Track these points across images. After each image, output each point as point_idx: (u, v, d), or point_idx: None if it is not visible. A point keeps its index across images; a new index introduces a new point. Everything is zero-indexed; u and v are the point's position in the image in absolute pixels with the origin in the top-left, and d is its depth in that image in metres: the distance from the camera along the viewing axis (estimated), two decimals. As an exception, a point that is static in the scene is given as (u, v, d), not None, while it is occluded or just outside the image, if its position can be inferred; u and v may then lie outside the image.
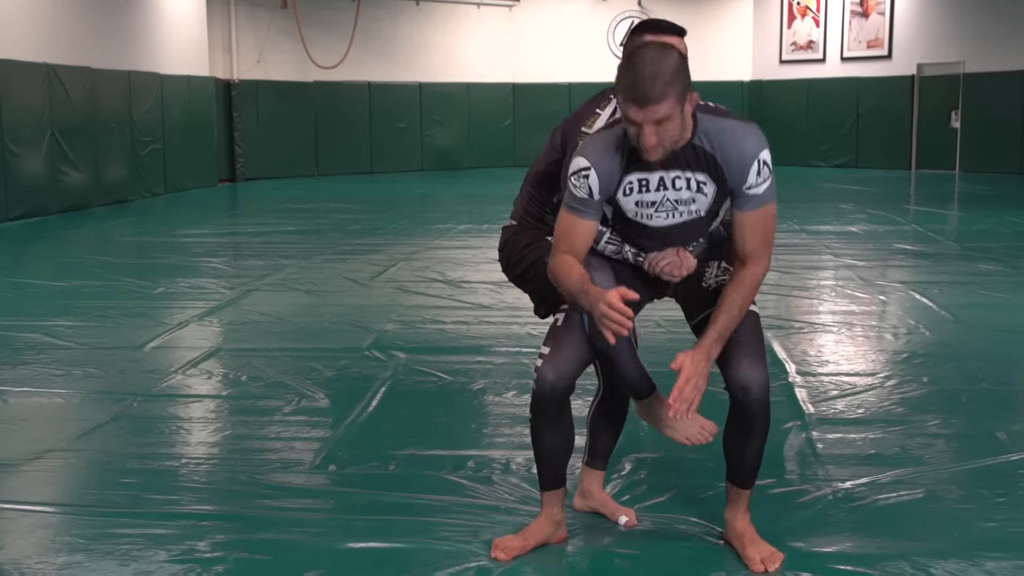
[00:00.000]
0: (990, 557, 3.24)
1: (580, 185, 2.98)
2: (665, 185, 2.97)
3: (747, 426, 3.12)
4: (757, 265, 3.03)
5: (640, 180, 2.97)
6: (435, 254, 9.86)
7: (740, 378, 3.05)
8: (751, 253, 3.01)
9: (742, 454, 3.18)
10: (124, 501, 3.74)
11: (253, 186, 18.72)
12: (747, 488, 3.25)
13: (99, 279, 8.55)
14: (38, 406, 5.01)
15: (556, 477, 3.27)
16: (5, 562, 3.27)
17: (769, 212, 3.00)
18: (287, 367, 5.60)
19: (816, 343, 6.20)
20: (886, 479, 3.90)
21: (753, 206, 2.98)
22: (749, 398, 3.05)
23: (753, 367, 3.05)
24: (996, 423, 4.57)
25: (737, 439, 3.17)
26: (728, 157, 2.93)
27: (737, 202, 2.98)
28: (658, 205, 2.99)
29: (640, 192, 2.98)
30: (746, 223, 3.00)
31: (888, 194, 16.18)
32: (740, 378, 3.05)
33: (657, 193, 2.98)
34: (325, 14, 20.54)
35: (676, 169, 2.95)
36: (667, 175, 2.96)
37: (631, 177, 2.97)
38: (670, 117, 2.81)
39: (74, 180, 14.12)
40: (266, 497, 3.77)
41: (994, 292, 7.73)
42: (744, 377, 3.04)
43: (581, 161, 2.97)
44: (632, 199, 2.99)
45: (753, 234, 3.00)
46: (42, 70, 13.38)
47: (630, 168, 2.96)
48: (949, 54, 20.37)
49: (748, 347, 3.07)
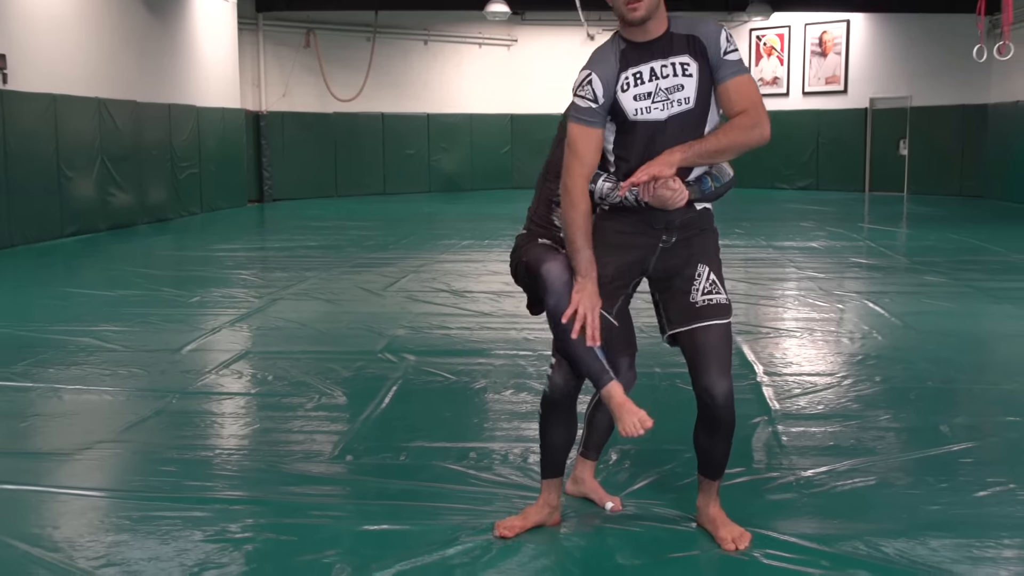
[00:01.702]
0: (934, 536, 3.24)
1: (585, 93, 2.99)
2: (655, 74, 2.98)
3: (713, 428, 3.10)
4: (750, 116, 2.96)
5: (634, 74, 2.99)
6: (441, 267, 9.86)
7: (706, 386, 3.03)
8: (745, 107, 2.98)
9: (710, 451, 3.17)
10: (164, 487, 3.74)
11: (279, 206, 18.71)
12: (716, 479, 3.25)
13: (142, 289, 8.55)
14: (89, 402, 5.01)
15: (556, 467, 3.28)
16: (60, 540, 3.27)
17: (750, 79, 3.02)
18: (309, 368, 5.60)
19: (781, 346, 6.20)
20: (843, 467, 3.91)
21: (734, 71, 2.99)
22: (715, 404, 3.03)
23: (720, 376, 3.02)
24: (940, 417, 4.57)
25: (705, 438, 3.15)
26: (701, 31, 3.00)
27: (719, 73, 2.99)
28: (653, 96, 2.98)
29: (636, 85, 2.98)
30: (732, 88, 2.99)
31: (845, 214, 16.19)
32: (706, 386, 3.03)
33: (650, 83, 2.98)
34: (343, 52, 20.56)
35: (660, 58, 2.98)
36: (655, 64, 2.98)
37: (626, 74, 2.99)
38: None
39: (121, 201, 14.12)
40: (290, 484, 3.77)
41: (939, 301, 7.74)
42: (710, 385, 3.02)
43: (583, 72, 3.01)
44: (630, 94, 2.98)
45: (741, 95, 2.98)
46: (93, 104, 13.39)
47: (624, 66, 2.98)
48: (898, 89, 20.43)
49: (716, 356, 3.03)
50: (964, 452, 4.08)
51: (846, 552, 3.14)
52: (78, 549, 3.20)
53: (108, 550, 3.19)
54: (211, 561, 3.10)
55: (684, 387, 5.11)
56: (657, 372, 5.39)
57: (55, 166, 12.54)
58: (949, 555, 3.12)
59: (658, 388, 5.14)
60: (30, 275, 9.67)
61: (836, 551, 3.14)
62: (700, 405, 3.09)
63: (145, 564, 3.09)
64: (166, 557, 3.13)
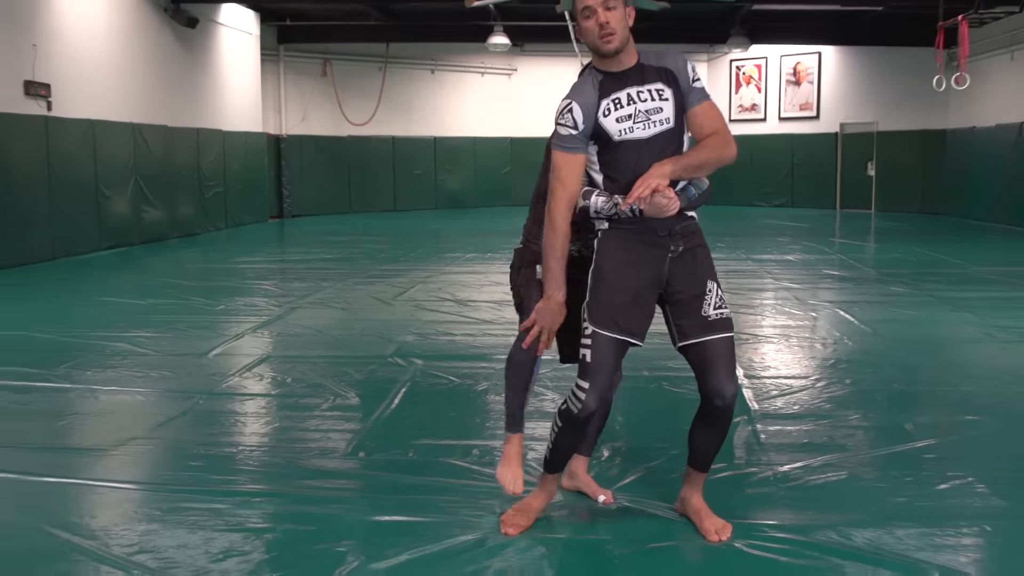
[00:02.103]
0: (900, 526, 3.24)
1: (566, 121, 3.00)
2: (632, 99, 2.99)
3: (715, 425, 3.09)
4: (720, 136, 3.03)
5: (613, 100, 2.99)
6: (446, 278, 9.86)
7: (718, 389, 3.00)
8: (713, 131, 3.03)
9: (707, 447, 3.17)
10: (192, 480, 3.74)
11: (297, 222, 18.72)
12: (705, 472, 3.24)
13: (172, 298, 8.54)
14: (123, 402, 5.00)
15: (561, 465, 3.27)
16: (97, 529, 3.27)
17: (714, 104, 3.08)
18: (325, 371, 5.59)
19: (760, 351, 6.19)
20: (816, 463, 3.90)
21: (701, 97, 3.05)
22: (724, 404, 3.03)
23: (729, 380, 3.02)
24: (905, 416, 4.57)
25: (704, 435, 3.14)
26: (670, 63, 3.03)
27: (689, 99, 3.03)
28: (634, 117, 2.99)
29: (616, 110, 2.99)
30: (700, 113, 3.04)
31: (818, 229, 16.20)
32: (718, 389, 3.00)
33: (629, 107, 2.99)
34: (357, 81, 20.59)
35: (636, 85, 3.00)
36: (631, 91, 3.00)
37: (606, 101, 2.99)
38: (616, 4, 2.92)
39: (153, 217, 14.12)
40: (307, 478, 3.76)
41: (904, 310, 7.73)
42: (722, 388, 3.00)
43: (564, 102, 3.02)
44: (612, 118, 2.99)
45: (710, 119, 3.05)
46: (128, 128, 13.40)
47: (602, 95, 2.99)
48: (866, 116, 20.46)
49: (726, 363, 3.02)
50: (927, 448, 4.08)
51: (820, 541, 3.13)
52: (113, 537, 3.19)
53: (140, 538, 3.19)
54: (234, 549, 3.10)
55: (671, 389, 5.12)
56: (645, 375, 5.39)
57: (94, 185, 12.54)
58: (913, 543, 3.11)
59: (647, 390, 5.14)
60: (70, 285, 9.67)
61: (811, 540, 3.14)
62: (708, 406, 3.06)
63: (174, 551, 3.08)
64: (193, 545, 3.12)
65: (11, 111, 10.87)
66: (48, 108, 11.55)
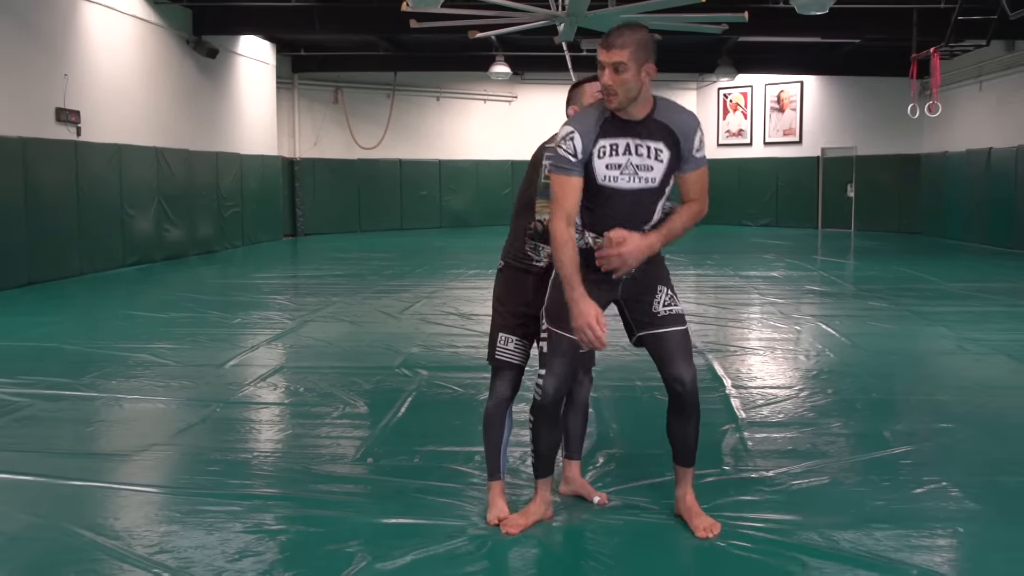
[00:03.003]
0: (878, 528, 3.23)
1: (567, 147, 2.95)
2: (630, 150, 2.96)
3: (684, 412, 3.12)
4: (698, 205, 3.08)
5: (611, 144, 2.96)
6: (451, 293, 9.85)
7: (677, 374, 3.06)
8: (695, 197, 3.07)
9: (683, 436, 3.18)
10: (209, 484, 3.73)
11: (310, 240, 18.74)
12: (690, 466, 3.24)
13: (191, 312, 8.54)
14: (145, 410, 4.99)
15: (548, 467, 3.27)
16: (120, 530, 3.26)
17: (706, 171, 3.08)
18: (335, 381, 5.59)
19: (747, 363, 6.19)
20: (800, 468, 3.89)
21: (696, 166, 3.03)
22: (685, 389, 3.07)
23: (686, 365, 3.07)
24: (883, 424, 4.56)
25: (678, 425, 3.17)
26: (680, 126, 2.98)
27: (685, 166, 3.02)
28: (623, 168, 2.96)
29: (610, 156, 2.95)
30: (692, 180, 3.05)
31: (801, 247, 16.21)
32: (677, 374, 3.06)
33: (623, 157, 2.95)
34: (367, 107, 20.66)
35: (637, 137, 2.96)
36: (631, 141, 2.95)
37: (604, 141, 2.96)
38: (627, 68, 2.85)
39: (174, 236, 14.14)
40: (318, 483, 3.75)
41: (882, 323, 7.73)
42: (680, 372, 3.06)
43: (566, 128, 2.99)
44: (604, 162, 2.95)
45: (697, 187, 3.06)
46: (152, 152, 13.44)
47: (603, 134, 2.96)
48: (845, 141, 20.52)
49: (681, 350, 3.08)
50: (904, 455, 4.07)
51: (803, 542, 3.12)
52: (135, 538, 3.19)
53: (161, 539, 3.18)
54: (249, 550, 3.09)
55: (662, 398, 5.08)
56: (638, 386, 5.38)
57: (119, 206, 12.56)
58: (891, 544, 3.10)
59: (639, 400, 5.13)
60: (96, 300, 9.67)
61: (794, 541, 3.13)
62: (671, 393, 3.11)
63: (193, 552, 3.07)
64: (211, 546, 3.12)
65: (43, 136, 10.91)
66: (78, 133, 11.59)
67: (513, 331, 3.30)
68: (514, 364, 3.31)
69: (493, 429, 3.34)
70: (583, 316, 2.91)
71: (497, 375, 3.34)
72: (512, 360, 3.31)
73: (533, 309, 3.27)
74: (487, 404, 3.36)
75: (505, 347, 3.30)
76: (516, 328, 3.30)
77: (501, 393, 3.32)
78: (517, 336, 3.30)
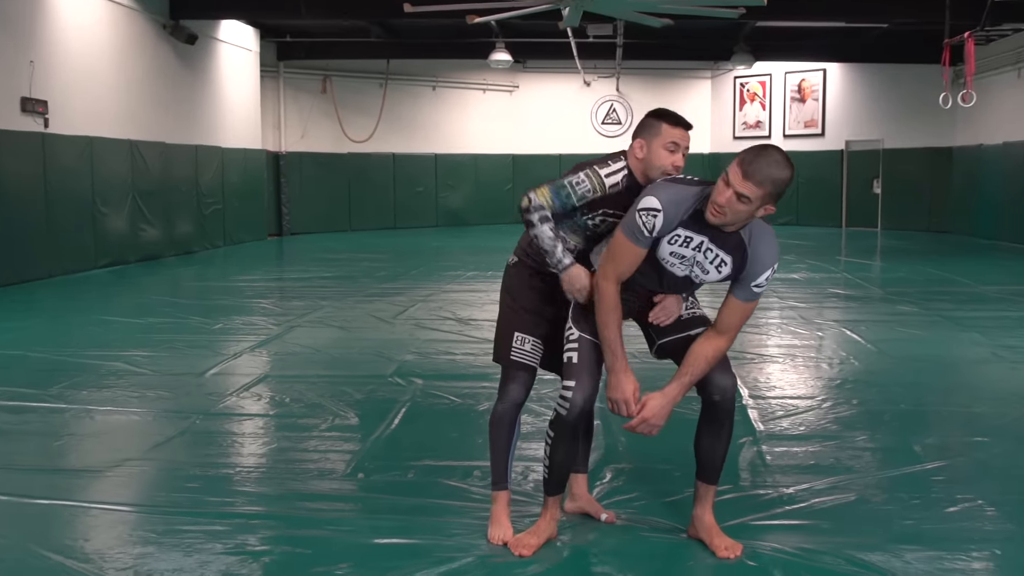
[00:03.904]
0: (908, 549, 3.23)
1: (647, 221, 2.97)
2: (700, 249, 3.00)
3: (719, 424, 3.14)
4: (724, 341, 3.07)
5: (686, 236, 3.00)
6: (447, 296, 9.86)
7: (716, 382, 3.08)
8: (726, 330, 3.06)
9: (713, 451, 3.19)
10: (188, 502, 3.73)
11: (296, 239, 18.75)
12: (715, 484, 3.25)
13: (169, 317, 8.55)
14: (118, 422, 4.99)
15: (562, 484, 3.28)
16: (91, 552, 3.25)
17: (754, 305, 3.09)
18: (323, 391, 5.59)
19: (765, 371, 6.19)
20: (823, 485, 3.89)
21: (749, 297, 3.04)
22: (725, 398, 3.10)
23: (726, 374, 3.10)
24: (913, 438, 4.56)
25: (709, 439, 3.18)
26: (757, 253, 2.99)
27: (739, 291, 3.03)
28: (685, 260, 3.03)
29: (681, 246, 3.01)
30: (736, 307, 3.05)
31: (823, 248, 16.21)
32: (716, 382, 3.08)
33: (691, 251, 3.01)
34: (357, 97, 20.68)
35: (714, 243, 2.99)
36: (706, 241, 2.99)
37: (682, 231, 2.99)
38: (750, 202, 2.86)
39: (150, 235, 14.15)
40: (305, 500, 3.75)
41: (911, 329, 7.73)
42: (720, 380, 3.08)
43: (654, 202, 2.96)
44: (671, 248, 3.01)
45: (739, 317, 3.06)
46: (126, 145, 13.46)
47: (686, 225, 2.98)
48: (871, 133, 20.52)
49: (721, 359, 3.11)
50: (935, 470, 4.07)
51: (827, 565, 3.12)
52: (107, 560, 3.18)
53: (135, 561, 3.17)
54: (231, 573, 3.08)
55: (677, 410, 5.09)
56: (649, 395, 5.38)
57: (91, 203, 12.58)
58: (922, 567, 3.10)
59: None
60: (66, 304, 9.67)
61: (817, 564, 3.12)
62: (706, 402, 3.13)
63: (169, 575, 3.07)
64: (189, 569, 3.11)
65: (7, 127, 10.91)
66: (45, 125, 11.60)
67: (530, 331, 3.31)
68: (530, 366, 3.32)
69: (502, 432, 3.33)
70: (620, 391, 3.04)
71: (511, 377, 3.33)
72: (529, 362, 3.32)
73: (549, 310, 3.29)
74: (496, 407, 3.35)
75: (521, 347, 3.30)
76: (533, 328, 3.31)
77: (515, 397, 3.32)
78: (534, 337, 3.31)
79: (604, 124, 23.04)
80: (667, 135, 3.16)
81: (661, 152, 3.15)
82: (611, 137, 22.89)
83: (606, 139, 22.89)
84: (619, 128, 22.97)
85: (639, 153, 3.18)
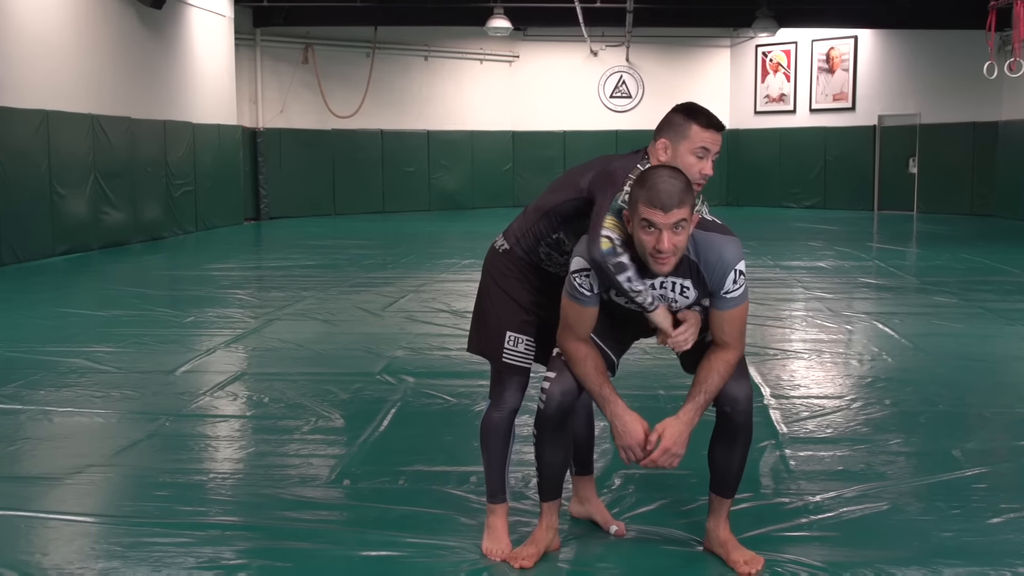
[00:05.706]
0: (947, 564, 3.23)
1: (582, 283, 3.04)
2: (656, 286, 3.05)
3: (733, 437, 3.15)
4: (731, 352, 3.08)
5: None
6: (441, 286, 9.87)
7: (729, 392, 3.08)
8: (727, 342, 3.08)
9: (727, 464, 3.20)
10: (157, 512, 3.73)
11: (276, 224, 18.75)
12: (729, 498, 3.26)
13: (136, 309, 8.55)
14: (79, 425, 5.00)
15: (555, 488, 3.27)
16: (49, 567, 3.26)
17: (743, 310, 3.09)
18: (306, 390, 5.60)
19: (789, 368, 6.20)
20: (852, 493, 3.90)
21: (729, 306, 3.06)
22: (737, 409, 3.09)
23: (739, 383, 3.10)
24: (951, 442, 4.57)
25: (723, 450, 3.19)
26: (710, 266, 3.02)
27: (715, 303, 3.07)
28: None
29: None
30: (724, 319, 3.08)
31: (853, 233, 16.22)
32: (729, 392, 3.08)
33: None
34: (342, 68, 20.66)
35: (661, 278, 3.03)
36: (653, 282, 3.04)
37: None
38: (687, 222, 2.90)
39: (114, 219, 14.16)
40: (286, 509, 3.76)
41: (949, 323, 7.73)
42: (732, 391, 3.08)
43: (583, 263, 3.03)
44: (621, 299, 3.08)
45: (730, 328, 3.08)
46: (87, 120, 13.45)
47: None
48: (907, 107, 20.50)
49: None
50: (977, 478, 4.07)
51: (856, 580, 3.12)
52: (68, 576, 3.19)
53: (99, 577, 3.18)
54: (204, 588, 3.10)
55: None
56: (661, 395, 5.40)
57: (47, 183, 12.57)
58: (962, 583, 3.11)
59: (663, 411, 5.10)
60: (20, 295, 9.68)
61: (846, 579, 3.13)
62: (719, 414, 3.13)
63: (136, 591, 3.08)
64: (158, 584, 3.12)
65: (-43, 101, 10.91)
66: (-2, 98, 11.59)
67: (523, 330, 3.30)
68: (524, 368, 3.32)
69: (497, 441, 3.33)
70: (630, 435, 3.04)
71: (503, 382, 3.32)
72: (523, 364, 3.31)
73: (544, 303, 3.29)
74: (489, 413, 3.35)
75: (515, 349, 3.29)
76: (526, 327, 3.30)
77: (510, 403, 3.32)
78: (526, 336, 3.30)
79: (612, 98, 23.02)
80: (697, 138, 3.07)
81: (688, 158, 3.07)
82: (620, 112, 22.88)
83: (614, 114, 22.88)
84: (629, 102, 22.95)
85: (662, 155, 3.10)
